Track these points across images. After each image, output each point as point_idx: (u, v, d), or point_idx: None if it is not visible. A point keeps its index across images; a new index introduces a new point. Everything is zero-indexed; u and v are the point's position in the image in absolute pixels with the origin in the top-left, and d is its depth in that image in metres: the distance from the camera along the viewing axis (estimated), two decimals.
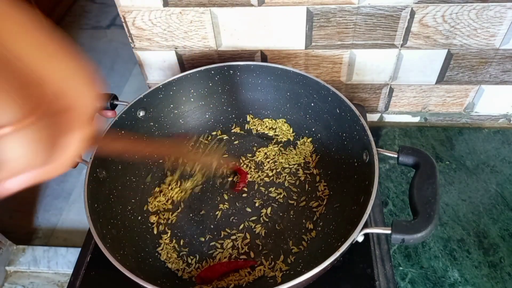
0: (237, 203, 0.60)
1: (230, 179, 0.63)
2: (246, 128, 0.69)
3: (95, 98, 0.20)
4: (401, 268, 0.58)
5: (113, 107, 0.58)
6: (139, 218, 0.58)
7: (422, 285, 0.56)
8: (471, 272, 0.57)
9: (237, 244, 0.56)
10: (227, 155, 0.66)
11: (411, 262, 0.58)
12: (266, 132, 0.68)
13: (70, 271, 0.56)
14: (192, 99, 0.67)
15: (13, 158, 0.17)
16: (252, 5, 0.61)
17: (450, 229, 0.61)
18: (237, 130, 0.69)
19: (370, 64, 0.68)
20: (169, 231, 0.58)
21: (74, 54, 0.20)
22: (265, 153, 0.66)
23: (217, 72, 0.64)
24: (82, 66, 0.19)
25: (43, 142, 0.18)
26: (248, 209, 0.59)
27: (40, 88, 0.18)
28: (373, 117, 0.78)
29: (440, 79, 0.69)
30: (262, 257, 0.54)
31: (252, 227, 0.57)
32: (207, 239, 0.57)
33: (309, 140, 0.66)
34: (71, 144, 0.19)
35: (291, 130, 0.68)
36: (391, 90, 0.72)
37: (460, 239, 0.60)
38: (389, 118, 0.78)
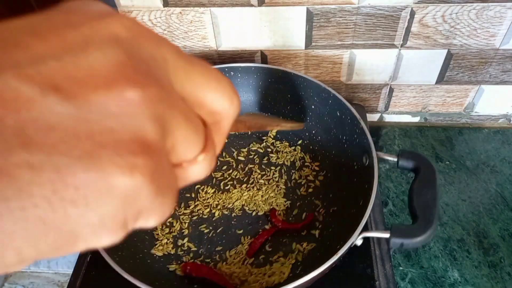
0: (236, 205, 0.60)
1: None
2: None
3: (239, 106, 0.19)
4: (401, 268, 0.58)
5: None
6: None
7: (422, 285, 0.56)
8: (471, 272, 0.57)
9: (235, 248, 0.55)
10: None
11: (411, 262, 0.58)
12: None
13: (70, 271, 0.56)
14: None
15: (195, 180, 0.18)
16: (252, 5, 0.61)
17: (450, 229, 0.61)
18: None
19: (370, 64, 0.68)
20: (169, 234, 0.58)
21: (207, 65, 0.18)
22: (264, 155, 0.66)
23: None
24: (220, 75, 0.18)
25: (212, 160, 0.18)
26: (248, 212, 0.59)
27: (202, 111, 0.17)
28: (373, 117, 0.78)
29: (440, 79, 0.69)
30: (261, 260, 0.54)
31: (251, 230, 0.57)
32: (205, 241, 0.57)
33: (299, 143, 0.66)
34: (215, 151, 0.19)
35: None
36: (391, 90, 0.72)
37: (460, 239, 0.60)
38: (389, 118, 0.78)
